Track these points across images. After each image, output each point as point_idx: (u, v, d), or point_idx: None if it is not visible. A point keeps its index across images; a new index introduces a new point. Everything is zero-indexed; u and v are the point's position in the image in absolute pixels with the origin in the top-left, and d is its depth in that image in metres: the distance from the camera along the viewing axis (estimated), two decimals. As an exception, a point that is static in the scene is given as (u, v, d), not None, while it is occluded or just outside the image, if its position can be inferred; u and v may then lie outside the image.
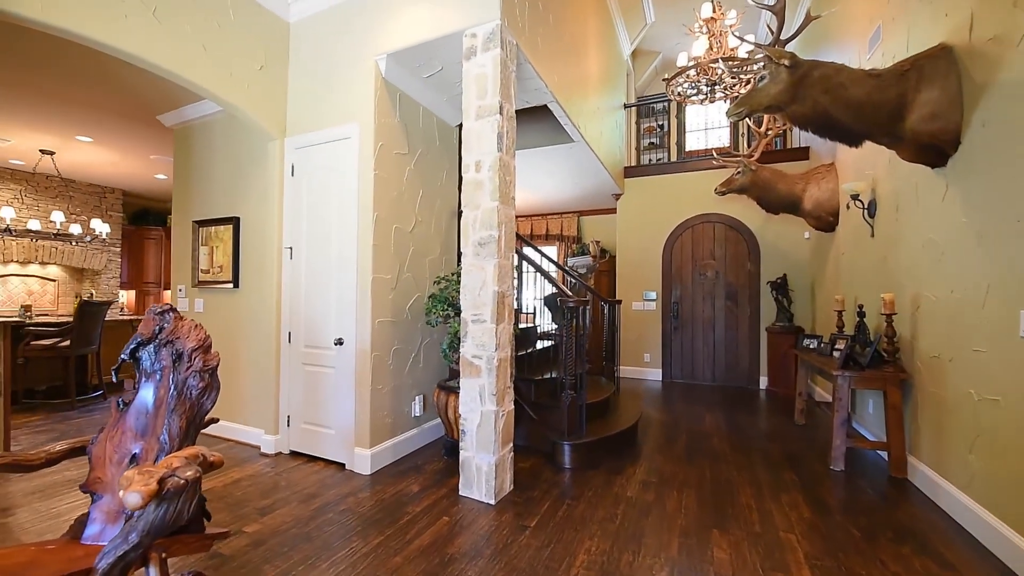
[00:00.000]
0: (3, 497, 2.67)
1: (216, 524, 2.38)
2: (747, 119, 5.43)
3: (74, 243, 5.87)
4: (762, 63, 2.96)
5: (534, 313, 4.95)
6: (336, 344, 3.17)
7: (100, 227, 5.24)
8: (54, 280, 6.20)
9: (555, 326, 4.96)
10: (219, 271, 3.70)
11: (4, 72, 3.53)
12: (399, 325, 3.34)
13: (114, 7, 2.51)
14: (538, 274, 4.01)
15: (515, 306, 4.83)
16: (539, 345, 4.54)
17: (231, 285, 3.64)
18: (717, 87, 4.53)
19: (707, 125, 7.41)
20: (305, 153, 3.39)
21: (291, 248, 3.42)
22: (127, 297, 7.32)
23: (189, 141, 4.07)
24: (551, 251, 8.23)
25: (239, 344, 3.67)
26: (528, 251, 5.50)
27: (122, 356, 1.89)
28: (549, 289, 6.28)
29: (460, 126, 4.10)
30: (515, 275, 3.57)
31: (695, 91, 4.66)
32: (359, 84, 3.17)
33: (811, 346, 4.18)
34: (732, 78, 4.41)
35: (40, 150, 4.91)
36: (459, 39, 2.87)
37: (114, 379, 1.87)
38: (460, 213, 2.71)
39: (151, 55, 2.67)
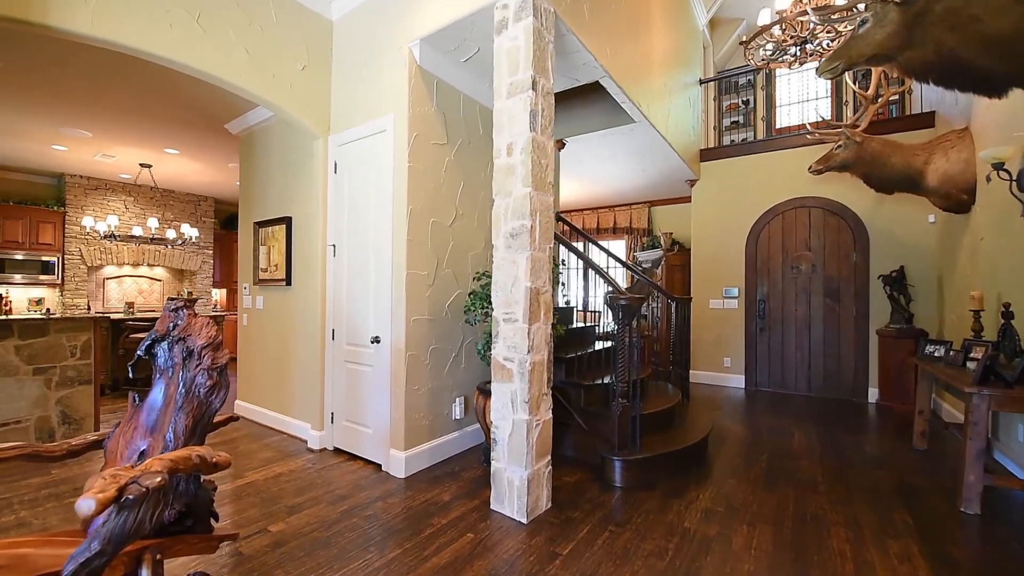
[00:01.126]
0: (73, 479, 2.91)
1: (246, 520, 2.38)
2: (849, 81, 4.61)
3: (169, 246, 6.57)
4: (864, 4, 2.40)
5: (598, 312, 4.58)
6: (373, 342, 3.10)
7: (189, 231, 5.79)
8: (160, 280, 6.99)
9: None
10: (275, 269, 3.82)
11: (106, 95, 3.93)
12: (437, 323, 3.19)
13: (160, 19, 2.60)
14: (605, 270, 3.65)
15: (567, 303, 4.51)
16: (598, 346, 4.18)
17: (284, 283, 3.74)
18: (809, 44, 3.84)
19: (802, 96, 6.46)
20: (346, 150, 3.36)
21: (334, 246, 3.42)
22: (220, 295, 8.09)
23: (251, 146, 4.27)
24: (618, 245, 7.73)
25: (291, 340, 3.76)
26: (576, 244, 5.11)
27: (138, 352, 1.90)
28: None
29: (507, 113, 3.86)
30: (562, 270, 3.26)
31: (781, 53, 4.00)
32: (393, 74, 3.06)
33: (937, 354, 3.39)
34: (827, 32, 3.71)
35: (140, 164, 5.51)
36: (491, 13, 2.63)
37: (131, 375, 1.89)
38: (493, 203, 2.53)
39: (196, 62, 2.75)
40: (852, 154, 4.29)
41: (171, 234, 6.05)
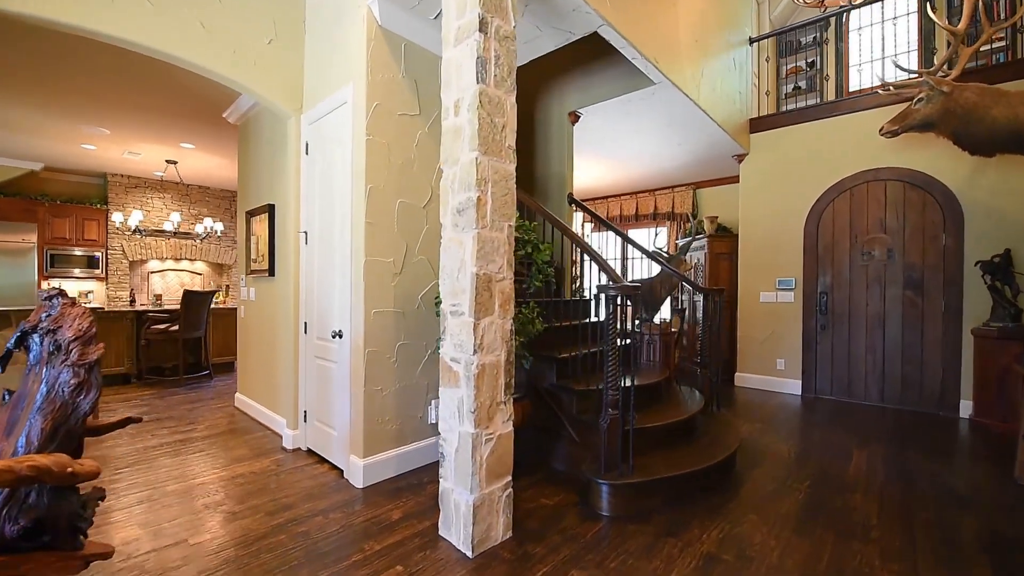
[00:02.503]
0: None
1: (170, 530, 2.18)
2: (935, 17, 3.71)
3: (197, 240, 6.80)
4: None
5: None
6: (334, 337, 2.81)
7: (212, 225, 5.90)
8: (201, 274, 7.29)
9: (638, 321, 3.99)
10: (261, 260, 3.67)
11: (109, 89, 3.97)
12: (408, 316, 2.85)
13: (101, -10, 2.44)
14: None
15: (579, 296, 3.94)
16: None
17: (268, 273, 3.57)
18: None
19: (880, 52, 5.39)
20: (316, 128, 3.10)
21: (306, 232, 3.18)
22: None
23: (246, 134, 4.16)
24: (660, 233, 7.01)
25: (274, 332, 3.59)
26: (590, 234, 4.55)
27: (8, 345, 1.70)
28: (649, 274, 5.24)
29: (500, 80, 3.43)
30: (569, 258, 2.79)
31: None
32: (353, 37, 2.73)
33: (1051, 362, 2.55)
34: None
35: (166, 160, 5.68)
36: (444, -50, 2.21)
37: (0, 370, 1.70)
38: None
39: (145, 38, 2.57)
40: (937, 107, 3.42)
41: (199, 228, 6.25)
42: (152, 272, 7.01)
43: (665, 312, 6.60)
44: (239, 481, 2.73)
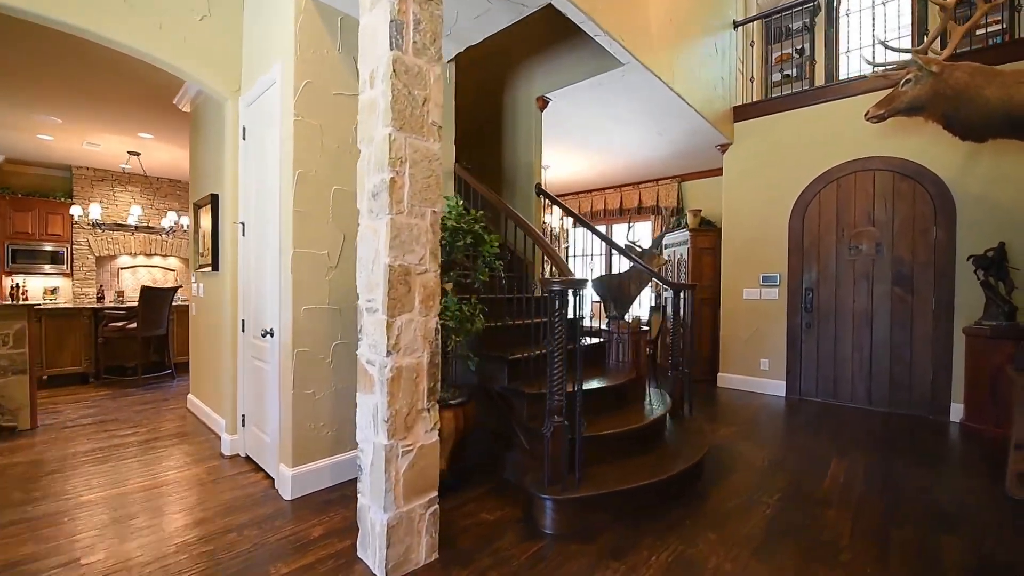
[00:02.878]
0: None
1: (76, 546, 1.97)
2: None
3: (163, 235, 6.59)
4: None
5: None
6: (264, 336, 2.60)
7: (180, 219, 5.69)
8: (174, 270, 7.09)
9: (608, 319, 3.77)
10: (207, 253, 3.45)
11: (53, 75, 3.75)
12: (347, 314, 2.63)
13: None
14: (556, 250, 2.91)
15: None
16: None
17: (212, 268, 3.35)
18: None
19: (870, 39, 5.13)
20: (252, 111, 2.88)
21: (243, 223, 2.97)
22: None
23: (196, 121, 3.94)
24: (645, 227, 6.78)
25: (218, 330, 3.37)
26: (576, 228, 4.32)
27: None
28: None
29: (456, 59, 3.21)
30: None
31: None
32: (282, 10, 2.51)
33: (1044, 364, 2.32)
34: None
35: (128, 152, 5.48)
36: (366, -95, 1.98)
37: None
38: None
39: (54, 11, 2.35)
40: (926, 89, 3.20)
41: (165, 223, 6.04)
42: (122, 268, 6.81)
43: (644, 310, 6.37)
44: (162, 492, 2.52)
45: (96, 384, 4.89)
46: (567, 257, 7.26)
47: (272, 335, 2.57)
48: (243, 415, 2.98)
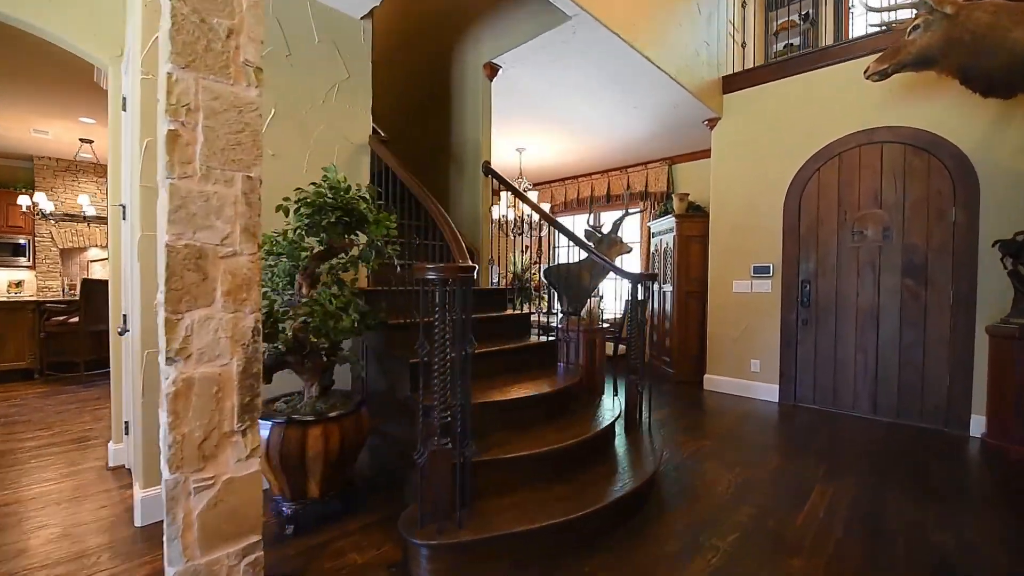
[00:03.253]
0: None
1: None
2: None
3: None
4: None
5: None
6: (121, 334, 2.23)
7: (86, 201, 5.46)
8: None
9: (561, 312, 3.29)
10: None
11: None
12: (219, 309, 2.23)
13: None
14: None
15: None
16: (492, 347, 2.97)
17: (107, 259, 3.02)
18: None
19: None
20: (129, 78, 2.50)
21: (124, 206, 2.60)
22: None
23: (114, 97, 3.61)
24: (635, 215, 6.23)
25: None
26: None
27: None
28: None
29: (371, 14, 2.77)
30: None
31: None
32: (132, -55, 2.12)
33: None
34: None
35: (80, 139, 5.23)
36: None
37: None
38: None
39: None
40: (939, 36, 2.63)
41: (88, 210, 5.78)
42: (92, 261, 6.63)
43: (611, 303, 5.84)
44: (13, 510, 2.18)
45: (40, 380, 4.67)
46: (551, 248, 6.75)
47: (128, 332, 2.20)
48: (126, 422, 2.63)
